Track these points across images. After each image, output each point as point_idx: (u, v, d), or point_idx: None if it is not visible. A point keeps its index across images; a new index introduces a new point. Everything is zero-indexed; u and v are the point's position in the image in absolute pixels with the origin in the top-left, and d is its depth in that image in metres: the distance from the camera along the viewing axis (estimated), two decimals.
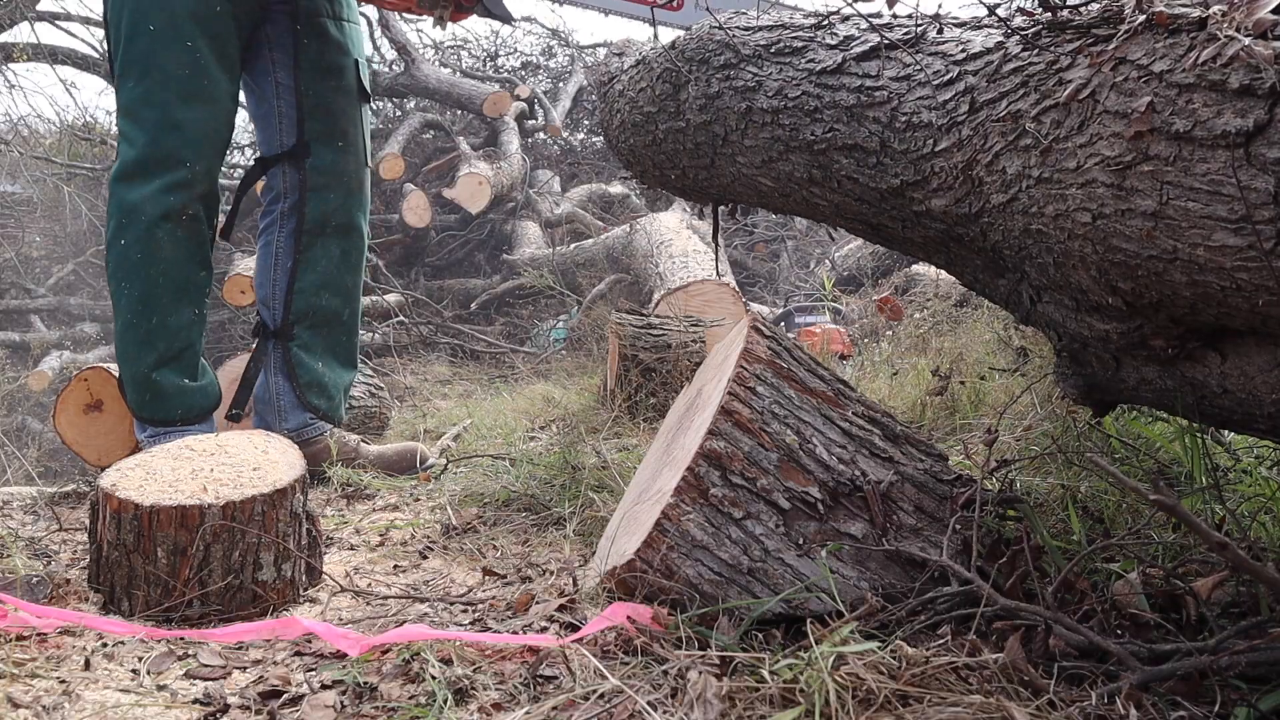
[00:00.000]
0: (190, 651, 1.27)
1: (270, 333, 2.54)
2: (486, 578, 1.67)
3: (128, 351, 2.29)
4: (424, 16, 2.05)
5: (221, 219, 2.50)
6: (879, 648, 1.04)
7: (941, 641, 1.12)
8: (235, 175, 5.69)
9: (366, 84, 2.54)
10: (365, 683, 1.15)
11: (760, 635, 1.25)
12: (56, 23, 7.05)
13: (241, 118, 2.63)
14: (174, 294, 2.28)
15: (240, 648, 1.30)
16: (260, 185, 2.55)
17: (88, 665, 1.21)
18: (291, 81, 2.44)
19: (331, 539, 1.96)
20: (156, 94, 2.22)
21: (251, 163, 2.64)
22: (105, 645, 1.28)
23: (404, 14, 2.15)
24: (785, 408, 1.39)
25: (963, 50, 1.41)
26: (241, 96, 2.48)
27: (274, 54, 2.44)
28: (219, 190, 2.40)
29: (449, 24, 2.47)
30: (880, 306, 4.19)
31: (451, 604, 1.51)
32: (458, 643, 1.23)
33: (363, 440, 2.69)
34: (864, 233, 1.69)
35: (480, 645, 1.23)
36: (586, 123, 8.14)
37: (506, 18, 2.01)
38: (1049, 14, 1.29)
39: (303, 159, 2.47)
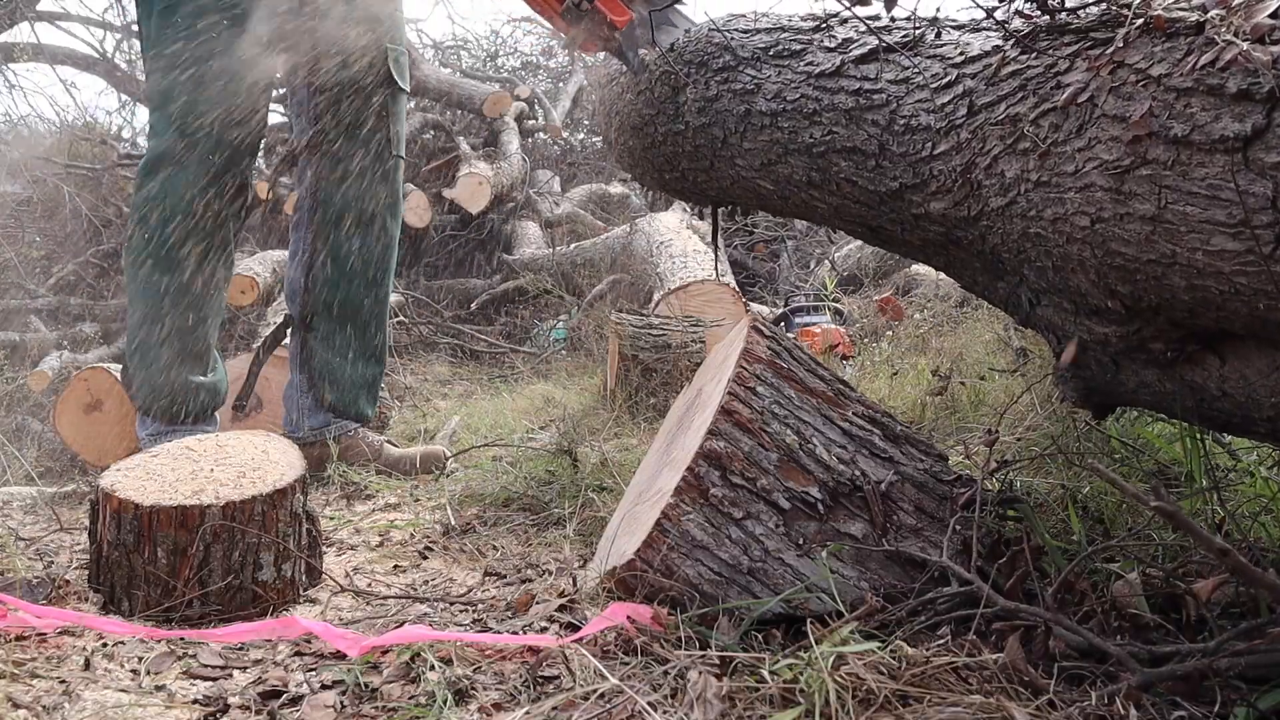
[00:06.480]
0: (190, 651, 1.27)
1: (293, 325, 2.53)
2: (486, 578, 1.67)
3: (146, 347, 2.28)
4: (560, 33, 1.98)
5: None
6: (879, 648, 1.04)
7: (941, 642, 1.12)
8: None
9: (396, 72, 2.43)
10: (365, 683, 1.15)
11: (760, 635, 1.25)
12: (56, 23, 7.05)
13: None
14: (195, 290, 2.27)
15: (240, 648, 1.30)
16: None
17: (88, 665, 1.21)
18: (308, 69, 2.39)
19: (331, 539, 1.96)
20: (184, 85, 2.18)
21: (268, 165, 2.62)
22: (105, 645, 1.28)
23: (543, 20, 2.04)
24: (785, 408, 1.39)
25: (961, 53, 1.41)
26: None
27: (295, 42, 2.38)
28: (250, 186, 2.37)
29: (580, 52, 2.34)
30: (881, 307, 4.19)
31: (451, 604, 1.51)
32: (458, 643, 1.23)
33: (388, 442, 2.66)
34: (863, 235, 1.69)
35: (480, 645, 1.23)
36: (586, 123, 8.13)
37: (638, 69, 1.96)
38: (1047, 17, 1.29)
39: (320, 148, 2.42)
